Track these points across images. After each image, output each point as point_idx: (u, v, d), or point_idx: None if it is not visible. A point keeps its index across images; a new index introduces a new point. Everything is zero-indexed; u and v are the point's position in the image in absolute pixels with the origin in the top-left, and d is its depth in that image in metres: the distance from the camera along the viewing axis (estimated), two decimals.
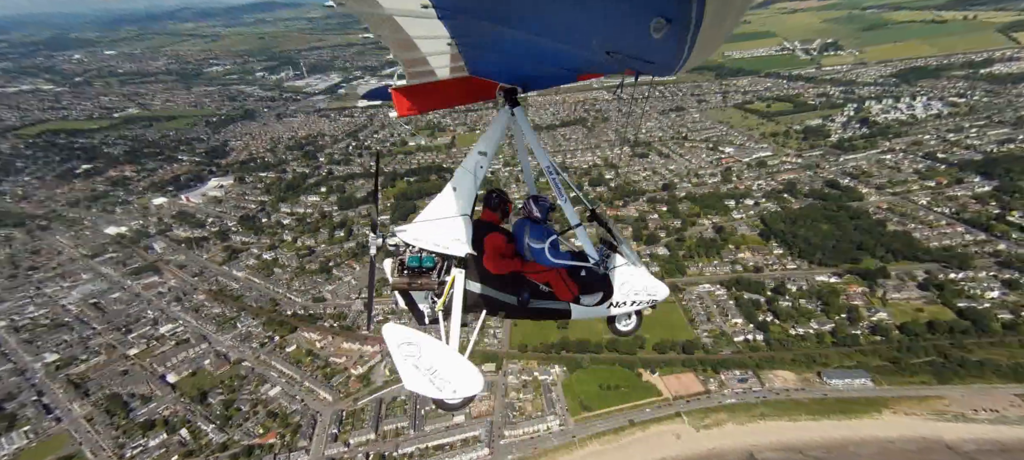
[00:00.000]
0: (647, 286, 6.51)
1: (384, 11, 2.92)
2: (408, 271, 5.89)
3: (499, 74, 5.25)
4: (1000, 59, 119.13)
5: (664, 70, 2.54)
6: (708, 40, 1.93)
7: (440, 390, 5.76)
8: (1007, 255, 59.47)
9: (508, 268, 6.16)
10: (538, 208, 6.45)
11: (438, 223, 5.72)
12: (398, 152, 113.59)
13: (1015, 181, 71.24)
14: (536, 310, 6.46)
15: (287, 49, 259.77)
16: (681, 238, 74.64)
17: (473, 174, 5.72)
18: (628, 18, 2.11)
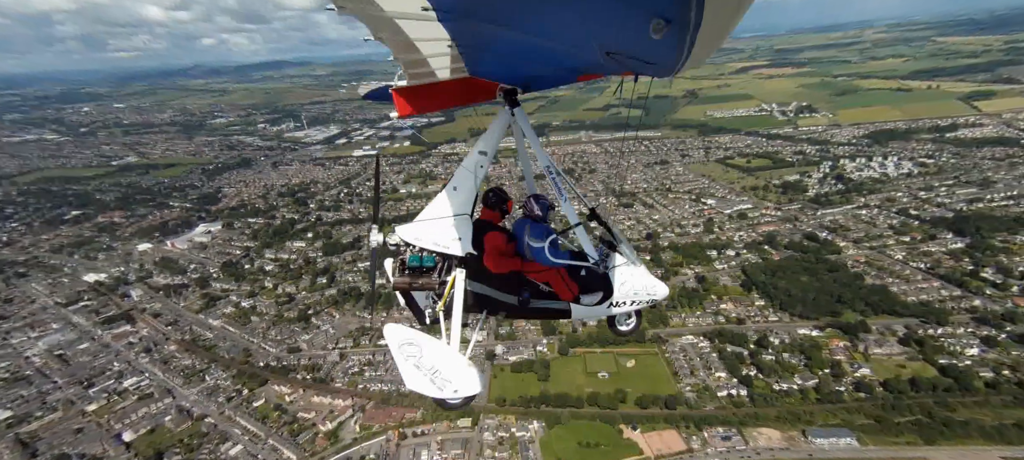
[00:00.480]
0: (647, 285, 6.49)
1: (384, 14, 2.95)
2: (409, 271, 5.91)
3: (499, 75, 5.29)
4: (964, 125, 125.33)
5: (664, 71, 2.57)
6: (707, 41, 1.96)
7: (441, 390, 5.68)
8: (983, 311, 59.40)
9: (508, 267, 6.13)
10: (538, 207, 6.51)
11: (439, 222, 5.76)
12: (388, 199, 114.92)
13: (986, 239, 72.60)
14: (536, 310, 6.41)
15: (291, 103, 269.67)
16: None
17: (473, 174, 5.75)
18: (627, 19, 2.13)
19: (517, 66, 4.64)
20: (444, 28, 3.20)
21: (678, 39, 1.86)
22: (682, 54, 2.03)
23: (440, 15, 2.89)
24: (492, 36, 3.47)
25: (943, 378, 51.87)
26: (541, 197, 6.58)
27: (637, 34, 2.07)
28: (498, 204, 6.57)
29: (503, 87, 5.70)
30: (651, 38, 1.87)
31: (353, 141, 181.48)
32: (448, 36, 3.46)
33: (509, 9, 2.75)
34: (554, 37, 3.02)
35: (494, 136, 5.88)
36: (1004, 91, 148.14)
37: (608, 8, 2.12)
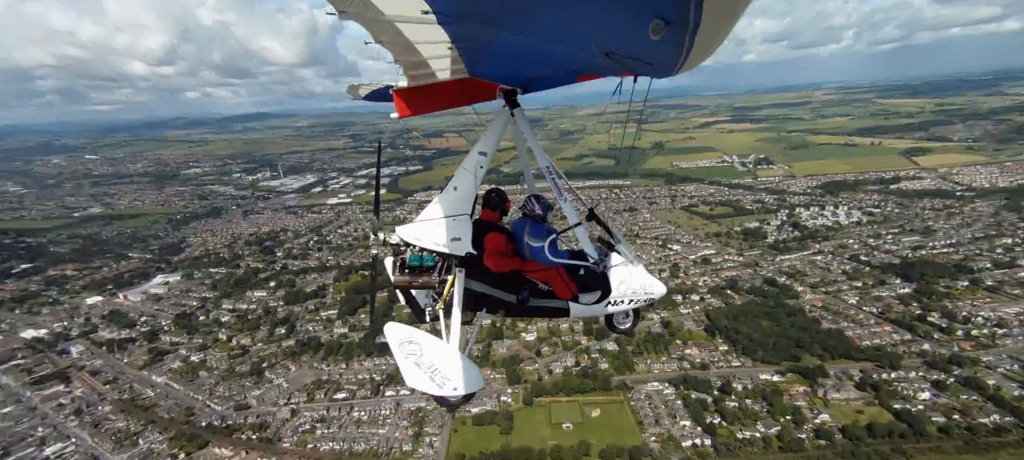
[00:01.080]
0: (644, 284, 6.44)
1: (385, 17, 2.91)
2: (409, 270, 5.86)
3: (499, 76, 5.24)
4: (905, 177, 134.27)
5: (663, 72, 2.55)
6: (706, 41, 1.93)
7: (441, 388, 5.60)
8: (932, 355, 60.76)
9: (508, 266, 6.11)
10: (538, 207, 6.50)
11: (439, 222, 5.72)
12: (359, 246, 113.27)
13: (931, 284, 75.71)
14: (535, 308, 6.37)
15: (269, 153, 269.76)
16: (631, 333, 73.80)
17: (473, 174, 5.72)
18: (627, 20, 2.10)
19: (517, 67, 4.66)
20: (444, 31, 3.20)
21: (677, 40, 1.88)
22: (681, 54, 2.05)
23: (440, 18, 2.89)
24: (492, 38, 3.47)
25: (898, 423, 51.90)
26: (540, 197, 6.62)
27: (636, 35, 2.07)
28: (498, 204, 6.56)
29: (503, 88, 5.72)
30: (650, 39, 1.89)
31: (329, 189, 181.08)
32: (448, 38, 3.45)
33: (508, 11, 2.76)
34: (554, 39, 3.03)
35: (494, 136, 5.87)
36: (938, 148, 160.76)
37: (607, 9, 2.14)
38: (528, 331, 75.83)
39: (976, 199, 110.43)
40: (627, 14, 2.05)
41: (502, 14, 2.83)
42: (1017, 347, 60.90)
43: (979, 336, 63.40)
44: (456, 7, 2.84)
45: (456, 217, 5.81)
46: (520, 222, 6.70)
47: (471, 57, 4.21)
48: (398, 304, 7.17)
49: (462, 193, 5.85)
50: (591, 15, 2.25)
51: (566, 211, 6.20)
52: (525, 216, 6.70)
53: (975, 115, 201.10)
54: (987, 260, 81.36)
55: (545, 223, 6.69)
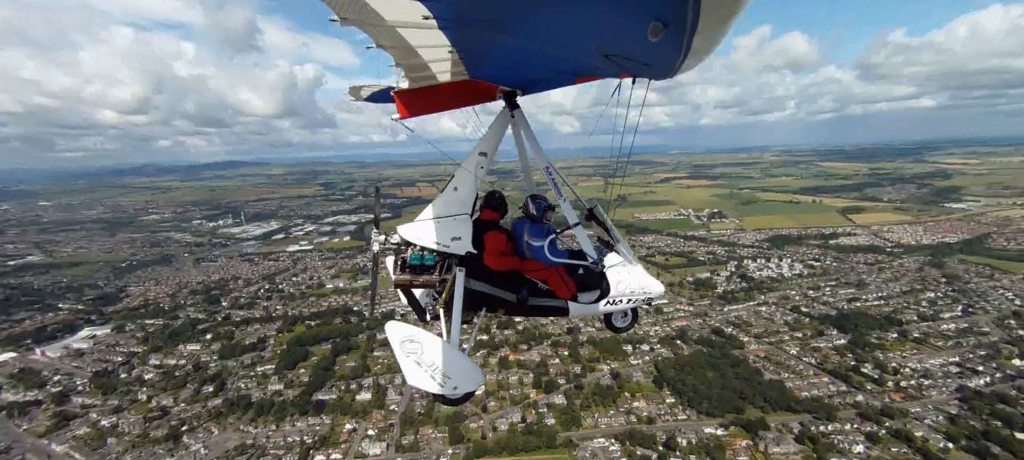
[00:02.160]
0: (643, 284, 6.41)
1: (386, 23, 2.87)
2: (410, 269, 5.85)
3: (499, 78, 5.16)
4: (842, 234, 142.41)
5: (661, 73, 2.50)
6: (704, 43, 1.88)
7: (441, 386, 5.59)
8: (865, 407, 61.48)
9: (508, 266, 6.11)
10: (537, 207, 6.46)
11: (440, 222, 5.71)
12: (312, 295, 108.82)
13: (864, 335, 78.21)
14: (535, 307, 6.32)
15: (235, 200, 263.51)
16: (580, 385, 71.92)
17: (474, 175, 5.68)
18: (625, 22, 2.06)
19: (516, 69, 4.64)
20: (444, 35, 3.16)
21: (675, 41, 1.84)
22: (679, 56, 1.99)
23: (441, 23, 2.86)
24: (492, 42, 3.43)
25: None
26: (540, 197, 6.54)
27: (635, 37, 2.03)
28: (499, 206, 6.50)
29: (502, 89, 5.68)
30: (649, 41, 1.85)
31: (291, 236, 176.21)
32: (448, 42, 3.41)
33: (508, 16, 2.73)
34: (553, 41, 2.98)
35: (494, 137, 5.83)
36: (870, 207, 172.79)
37: (606, 12, 2.10)
38: None
39: (903, 255, 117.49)
40: (626, 16, 2.03)
41: (502, 18, 2.84)
42: (942, 398, 62.47)
43: (907, 387, 64.91)
44: (456, 12, 2.84)
45: (456, 217, 5.80)
46: (520, 222, 6.68)
47: (471, 60, 4.22)
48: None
49: (463, 193, 5.83)
50: (590, 18, 2.24)
51: (565, 211, 6.17)
52: (525, 216, 6.66)
53: (902, 179, 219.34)
54: (913, 313, 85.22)
55: (544, 223, 6.64)
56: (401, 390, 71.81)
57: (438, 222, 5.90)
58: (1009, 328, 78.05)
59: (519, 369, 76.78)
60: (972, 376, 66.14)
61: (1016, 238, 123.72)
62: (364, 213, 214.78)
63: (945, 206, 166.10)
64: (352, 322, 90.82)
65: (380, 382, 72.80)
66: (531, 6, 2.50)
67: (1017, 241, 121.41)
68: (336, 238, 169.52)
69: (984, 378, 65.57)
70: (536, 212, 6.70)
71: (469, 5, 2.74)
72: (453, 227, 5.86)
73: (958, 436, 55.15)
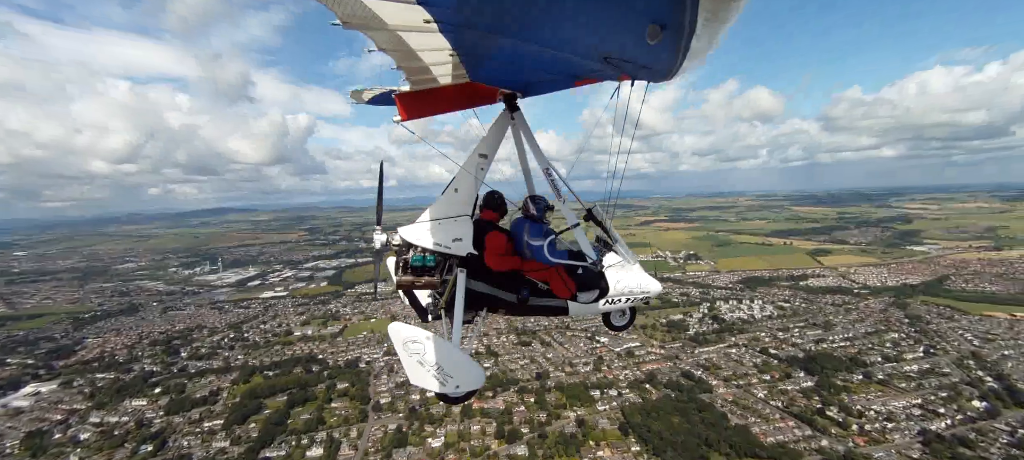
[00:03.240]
0: (641, 283, 6.45)
1: (388, 27, 2.88)
2: (411, 270, 5.85)
3: (499, 80, 5.19)
4: (812, 275, 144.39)
5: (660, 75, 2.51)
6: (702, 46, 1.88)
7: (443, 385, 5.65)
8: (829, 452, 59.63)
9: (509, 266, 6.13)
10: (537, 207, 6.46)
11: (440, 223, 5.73)
12: (277, 343, 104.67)
13: (830, 378, 77.31)
14: (535, 307, 6.34)
15: (216, 247, 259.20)
16: (544, 434, 68.68)
17: (474, 176, 5.71)
18: (624, 25, 2.06)
19: (517, 72, 4.67)
20: (445, 39, 3.17)
21: (673, 44, 1.86)
22: (678, 58, 2.01)
23: (442, 27, 2.88)
24: (492, 45, 3.44)
25: None
26: (539, 198, 6.56)
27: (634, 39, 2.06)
28: (498, 205, 6.51)
29: (503, 91, 5.72)
30: (647, 43, 1.88)
31: (267, 282, 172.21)
32: (449, 46, 3.42)
33: (509, 20, 2.73)
34: (553, 44, 2.99)
35: (494, 139, 5.88)
36: (837, 249, 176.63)
37: (605, 15, 2.09)
38: (435, 436, 68.98)
39: (869, 296, 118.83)
40: (624, 19, 2.03)
41: (502, 22, 2.85)
42: (904, 442, 60.98)
43: (871, 431, 63.40)
44: (457, 16, 2.82)
45: (457, 218, 5.86)
46: (520, 222, 6.69)
47: (472, 63, 4.24)
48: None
49: (463, 194, 5.88)
50: (589, 21, 2.22)
51: (565, 212, 6.22)
52: (524, 216, 6.68)
53: (867, 223, 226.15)
54: (878, 354, 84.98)
55: (544, 223, 6.67)
56: (355, 444, 67.75)
57: (439, 223, 5.93)
58: (968, 368, 77.93)
59: (482, 418, 73.38)
60: (933, 418, 65.07)
61: (973, 279, 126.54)
62: (344, 257, 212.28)
63: (907, 248, 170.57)
64: (313, 371, 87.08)
65: (334, 435, 68.74)
66: (531, 10, 2.52)
67: (974, 282, 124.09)
68: (313, 284, 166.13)
69: (945, 420, 64.51)
70: (537, 212, 6.72)
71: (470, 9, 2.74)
72: (454, 228, 5.90)
73: None
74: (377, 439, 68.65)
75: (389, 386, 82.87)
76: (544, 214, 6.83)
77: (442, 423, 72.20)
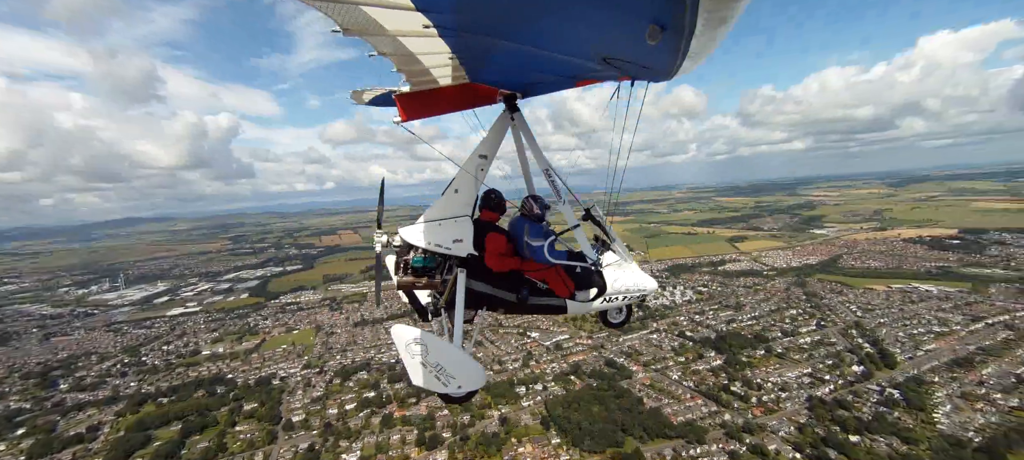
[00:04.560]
0: (637, 281, 6.77)
1: (388, 33, 2.89)
2: (412, 271, 6.00)
3: (499, 81, 5.35)
4: (729, 261, 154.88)
5: (659, 76, 2.53)
6: (702, 46, 1.84)
7: (445, 385, 5.77)
8: (730, 425, 63.45)
9: (509, 267, 6.23)
10: (537, 207, 6.57)
11: (441, 224, 5.83)
12: (180, 365, 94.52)
13: (736, 354, 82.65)
14: (535, 306, 6.53)
15: (120, 261, 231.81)
16: (466, 436, 67.15)
17: (474, 177, 5.84)
18: (624, 26, 2.03)
19: (517, 73, 4.66)
20: (445, 43, 3.18)
21: (673, 44, 1.87)
22: (677, 59, 2.04)
23: (441, 31, 2.89)
24: (492, 48, 3.45)
25: None
26: (539, 198, 6.58)
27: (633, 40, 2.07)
28: (497, 206, 6.48)
29: (503, 92, 5.75)
30: (647, 44, 1.88)
31: (178, 298, 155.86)
32: (449, 49, 3.43)
33: (508, 23, 2.71)
34: (553, 46, 2.96)
35: (494, 139, 5.89)
36: (753, 235, 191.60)
37: (604, 16, 2.05)
38: (351, 451, 65.13)
39: (776, 277, 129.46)
40: (624, 20, 2.04)
41: (502, 25, 2.84)
42: (794, 409, 66.39)
43: (768, 401, 68.42)
44: (457, 21, 2.82)
45: (457, 219, 5.83)
46: (519, 222, 6.65)
47: (472, 65, 4.21)
48: None
49: (463, 195, 5.84)
50: (589, 23, 2.21)
51: (564, 212, 6.20)
52: (524, 216, 6.62)
53: (779, 210, 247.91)
54: (778, 330, 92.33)
55: (543, 223, 6.64)
56: None
57: (439, 224, 5.92)
58: (851, 337, 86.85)
59: (403, 426, 70.45)
60: (820, 385, 71.54)
61: (861, 257, 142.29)
62: (272, 265, 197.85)
63: (810, 232, 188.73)
64: (216, 393, 79.29)
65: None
66: (531, 12, 2.49)
67: (861, 260, 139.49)
68: (232, 296, 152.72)
69: (829, 386, 71.16)
70: (539, 212, 6.69)
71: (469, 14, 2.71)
72: (454, 229, 5.90)
73: (804, 445, 58.13)
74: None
75: (304, 402, 77.32)
76: (545, 214, 6.82)
77: (359, 437, 68.38)
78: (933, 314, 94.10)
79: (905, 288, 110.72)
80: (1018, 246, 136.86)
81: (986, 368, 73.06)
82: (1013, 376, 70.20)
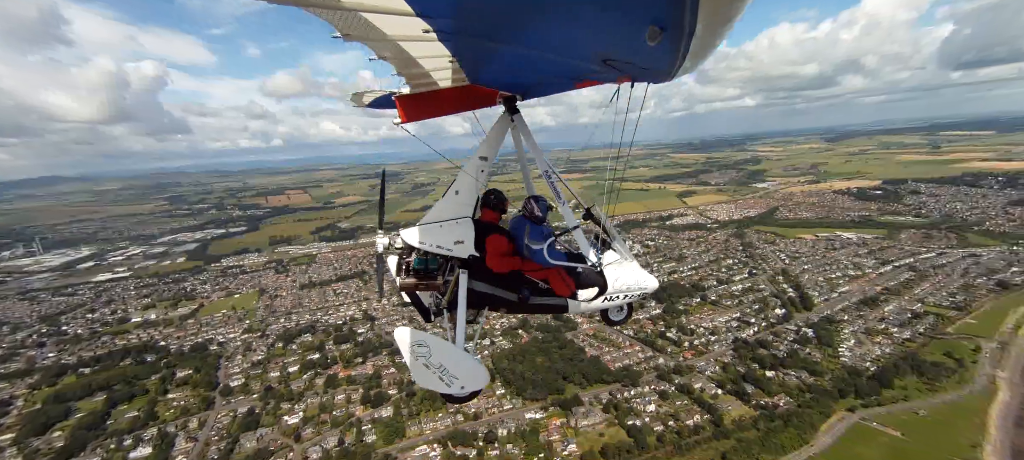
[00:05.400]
0: (638, 280, 6.62)
1: (388, 38, 2.91)
2: (414, 273, 6.02)
3: (499, 83, 5.32)
4: (676, 215, 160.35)
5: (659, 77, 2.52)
6: (702, 47, 1.84)
7: (449, 386, 5.83)
8: (663, 368, 67.38)
9: (510, 267, 6.20)
10: (538, 208, 6.59)
11: (442, 226, 5.83)
12: (106, 333, 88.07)
13: (674, 304, 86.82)
14: (536, 305, 6.48)
15: (36, 224, 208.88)
16: (412, 393, 67.64)
17: (474, 179, 5.83)
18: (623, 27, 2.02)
19: (516, 75, 4.66)
20: (445, 47, 3.21)
21: (673, 45, 1.87)
22: (677, 59, 2.03)
23: (441, 36, 2.92)
24: (492, 50, 3.50)
25: (627, 439, 54.43)
26: (541, 199, 6.60)
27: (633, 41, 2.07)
28: (497, 206, 6.49)
29: (503, 94, 5.71)
30: (647, 45, 1.87)
31: (106, 263, 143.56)
32: (449, 53, 3.47)
33: (508, 26, 2.73)
34: (552, 49, 3.00)
35: (494, 141, 5.88)
36: (701, 190, 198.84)
37: (604, 17, 2.05)
38: (293, 413, 64.05)
39: (718, 230, 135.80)
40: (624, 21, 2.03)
41: (501, 28, 2.85)
42: (721, 350, 71.32)
43: (698, 345, 73.00)
44: (456, 25, 2.85)
45: (458, 220, 5.86)
46: (520, 223, 6.66)
47: (472, 67, 4.25)
48: None
49: (464, 197, 5.87)
50: (588, 24, 2.21)
51: (564, 213, 6.21)
52: (524, 217, 6.61)
53: (726, 166, 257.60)
54: (714, 279, 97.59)
55: (544, 224, 6.66)
56: (194, 436, 60.11)
57: (441, 226, 5.88)
58: (778, 283, 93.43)
59: (348, 386, 69.84)
60: (745, 328, 77.00)
61: (795, 209, 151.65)
62: (213, 228, 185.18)
63: (753, 186, 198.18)
64: (147, 361, 74.74)
65: (168, 430, 60.10)
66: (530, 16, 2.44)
67: (796, 212, 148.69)
68: (167, 260, 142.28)
69: (754, 328, 76.75)
70: (541, 213, 6.61)
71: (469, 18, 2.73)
72: (455, 230, 5.87)
73: (726, 382, 62.97)
74: (223, 426, 61.59)
75: (244, 367, 74.49)
76: (546, 215, 6.72)
77: (302, 398, 67.21)
78: (850, 260, 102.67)
79: (829, 237, 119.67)
80: (930, 194, 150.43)
81: (888, 306, 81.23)
82: (909, 312, 78.54)
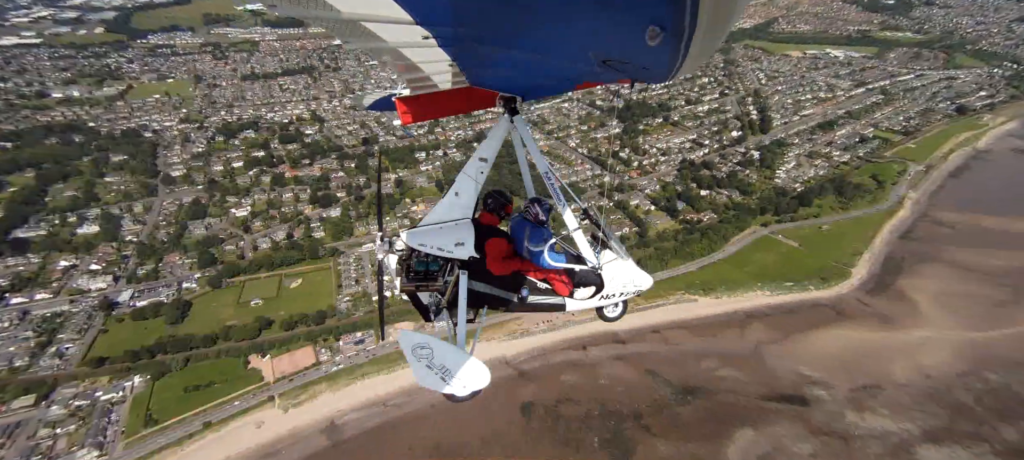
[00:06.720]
0: (634, 278, 6.66)
1: (388, 45, 2.93)
2: (415, 274, 5.98)
3: (499, 85, 5.26)
4: None
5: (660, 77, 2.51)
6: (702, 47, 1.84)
7: (450, 386, 5.88)
8: (606, 186, 68.26)
9: (510, 269, 6.24)
10: (540, 210, 6.51)
11: (442, 228, 5.79)
12: (25, 107, 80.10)
13: (637, 123, 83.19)
14: (535, 305, 6.56)
15: None
16: (361, 197, 68.62)
17: (474, 180, 5.74)
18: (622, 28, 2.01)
19: (516, 78, 4.75)
20: (445, 52, 3.26)
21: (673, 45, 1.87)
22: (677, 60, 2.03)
23: (440, 42, 2.96)
24: (492, 54, 3.54)
25: None
26: (542, 201, 6.57)
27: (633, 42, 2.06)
28: (498, 207, 6.42)
29: (502, 95, 5.54)
30: (647, 45, 1.88)
31: (8, 25, 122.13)
32: (448, 58, 3.53)
33: (507, 30, 2.77)
34: (552, 51, 3.02)
35: (494, 142, 5.80)
36: None
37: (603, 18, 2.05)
38: (240, 207, 64.80)
39: None
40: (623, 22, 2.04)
41: (501, 32, 2.88)
42: (666, 171, 71.90)
43: (646, 165, 73.03)
44: (456, 31, 2.87)
45: (458, 222, 5.77)
46: (520, 224, 6.51)
47: (472, 70, 4.32)
48: None
49: (464, 198, 5.76)
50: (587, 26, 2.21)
51: (564, 215, 6.09)
52: (525, 219, 6.51)
53: None
54: (683, 99, 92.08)
55: (545, 226, 6.50)
56: (142, 219, 61.18)
57: (441, 228, 5.74)
58: (745, 105, 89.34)
59: (296, 186, 69.51)
60: (697, 149, 76.34)
61: (796, 21, 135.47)
62: None
63: None
64: (75, 141, 70.49)
65: (114, 212, 60.58)
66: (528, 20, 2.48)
67: (796, 24, 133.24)
68: (83, 30, 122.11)
69: (704, 150, 76.19)
70: (543, 217, 6.43)
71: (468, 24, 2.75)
72: (456, 233, 5.72)
73: (660, 198, 65.28)
74: (169, 213, 62.45)
75: (183, 158, 71.70)
76: (547, 218, 6.54)
77: (249, 193, 67.10)
78: (826, 80, 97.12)
79: (818, 54, 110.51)
80: (940, 6, 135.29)
81: (842, 130, 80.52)
82: (858, 136, 78.46)
